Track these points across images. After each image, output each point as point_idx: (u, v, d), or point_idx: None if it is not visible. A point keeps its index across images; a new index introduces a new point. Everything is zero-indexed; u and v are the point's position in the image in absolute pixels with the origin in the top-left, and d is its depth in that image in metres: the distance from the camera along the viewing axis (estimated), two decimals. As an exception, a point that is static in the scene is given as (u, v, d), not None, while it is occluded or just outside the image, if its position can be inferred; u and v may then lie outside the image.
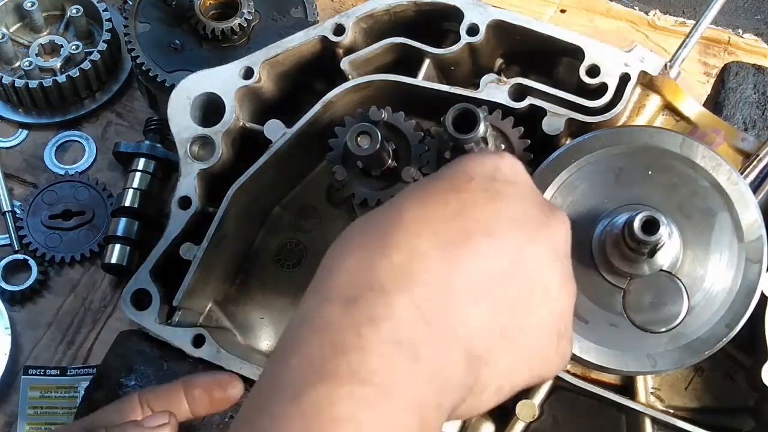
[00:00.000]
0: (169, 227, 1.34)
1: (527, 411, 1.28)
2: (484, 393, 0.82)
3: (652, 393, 1.32)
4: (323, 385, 0.70)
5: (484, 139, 1.21)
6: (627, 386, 1.32)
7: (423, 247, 0.78)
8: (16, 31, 1.88)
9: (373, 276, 0.76)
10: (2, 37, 1.79)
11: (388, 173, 1.32)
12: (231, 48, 1.72)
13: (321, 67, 1.44)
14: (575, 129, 1.33)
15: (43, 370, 1.61)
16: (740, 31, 1.95)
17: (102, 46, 1.81)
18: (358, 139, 1.24)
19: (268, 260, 1.49)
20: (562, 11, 1.95)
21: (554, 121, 1.33)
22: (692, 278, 1.18)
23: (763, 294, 1.19)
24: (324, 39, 1.40)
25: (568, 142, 1.32)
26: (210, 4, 1.74)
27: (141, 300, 1.33)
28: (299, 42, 1.41)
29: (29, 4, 1.83)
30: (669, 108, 1.38)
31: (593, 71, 1.34)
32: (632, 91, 1.34)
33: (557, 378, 1.30)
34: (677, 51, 1.37)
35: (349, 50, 1.40)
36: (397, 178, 1.31)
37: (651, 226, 1.10)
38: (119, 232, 1.64)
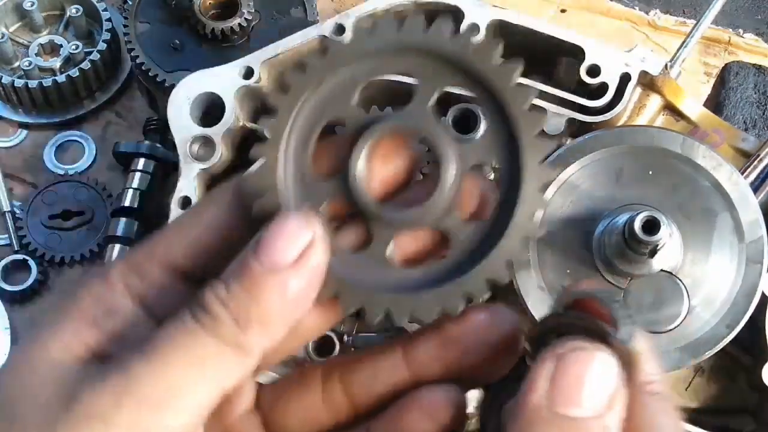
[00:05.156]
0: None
1: (527, 411, 1.28)
2: None
3: (652, 393, 1.32)
4: None
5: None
6: (627, 386, 1.32)
7: None
8: (16, 31, 1.88)
9: None
10: (2, 37, 1.79)
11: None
12: (231, 48, 1.72)
13: (321, 67, 1.43)
14: (575, 129, 1.33)
15: (42, 371, 1.60)
16: (740, 30, 1.95)
17: (102, 46, 1.81)
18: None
19: (268, 260, 1.49)
20: (563, 11, 1.95)
21: (554, 120, 1.32)
22: (693, 278, 1.18)
23: (763, 294, 1.19)
24: (324, 39, 1.40)
25: (568, 142, 1.32)
26: (210, 4, 1.74)
27: (141, 300, 1.32)
28: (299, 42, 1.40)
29: (29, 4, 1.82)
30: (669, 108, 1.38)
31: (594, 71, 1.34)
32: (633, 91, 1.34)
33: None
34: (678, 51, 1.36)
35: (349, 50, 1.40)
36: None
37: (652, 226, 1.10)
38: (119, 232, 1.64)
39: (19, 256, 1.69)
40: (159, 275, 0.75)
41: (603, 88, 1.33)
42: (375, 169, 0.75)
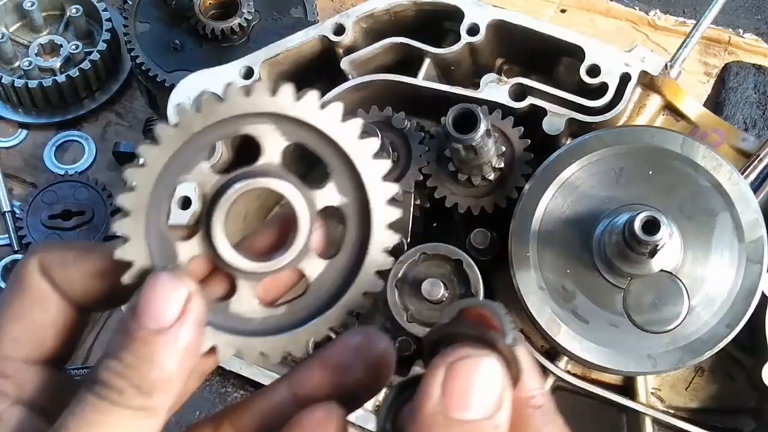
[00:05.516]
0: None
1: (527, 411, 1.28)
2: None
3: (652, 393, 1.32)
4: None
5: (488, 133, 1.21)
6: (627, 386, 1.32)
7: None
8: (16, 31, 1.88)
9: None
10: (2, 37, 1.79)
11: (388, 173, 1.32)
12: (231, 48, 1.72)
13: (321, 67, 1.43)
14: (576, 129, 1.33)
15: (42, 371, 1.60)
16: (740, 30, 1.95)
17: (102, 46, 1.81)
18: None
19: (268, 260, 1.49)
20: (562, 11, 1.95)
21: (554, 120, 1.32)
22: (693, 278, 1.18)
23: (763, 294, 1.19)
24: (324, 39, 1.40)
25: (568, 142, 1.32)
26: (210, 4, 1.74)
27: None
28: (299, 42, 1.41)
29: (29, 4, 1.83)
30: (669, 108, 1.38)
31: (594, 71, 1.34)
32: (633, 91, 1.34)
33: (558, 378, 1.30)
34: (678, 51, 1.36)
35: (349, 50, 1.40)
36: (398, 178, 1.31)
37: (652, 226, 1.10)
38: (119, 232, 1.64)
39: (19, 256, 1.69)
40: (25, 371, 0.76)
41: (603, 88, 1.33)
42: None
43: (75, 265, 0.77)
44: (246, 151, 1.35)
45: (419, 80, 1.37)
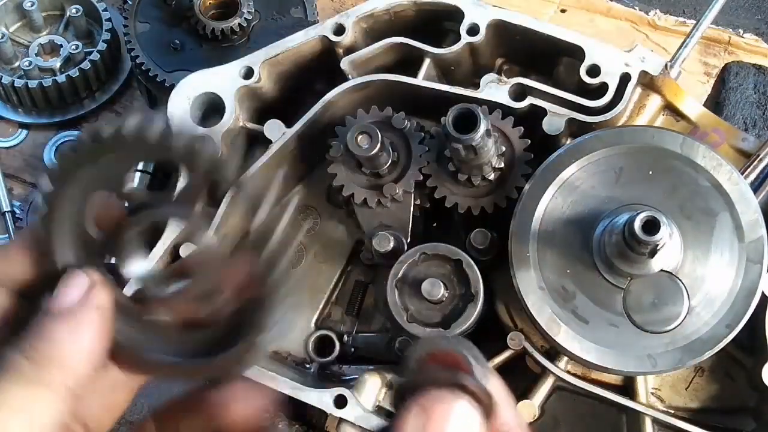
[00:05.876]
0: (168, 227, 1.33)
1: (527, 411, 1.28)
2: None
3: (652, 393, 1.32)
4: None
5: (488, 133, 1.21)
6: (627, 386, 1.32)
7: None
8: (16, 31, 1.88)
9: None
10: (2, 37, 1.79)
11: (388, 173, 1.32)
12: (231, 48, 1.72)
13: (321, 67, 1.43)
14: (576, 129, 1.33)
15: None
16: (740, 30, 1.95)
17: (102, 46, 1.81)
18: (358, 138, 1.24)
19: (268, 260, 1.49)
20: (563, 11, 1.95)
21: (555, 120, 1.32)
22: (693, 278, 1.18)
23: (763, 294, 1.19)
24: (324, 39, 1.40)
25: (568, 142, 1.32)
26: (210, 4, 1.74)
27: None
28: (299, 42, 1.41)
29: (29, 4, 1.83)
30: (670, 108, 1.38)
31: (594, 71, 1.34)
32: (633, 91, 1.34)
33: (558, 378, 1.30)
34: (678, 51, 1.36)
35: (349, 50, 1.40)
36: (398, 178, 1.31)
37: (652, 226, 1.10)
38: (119, 232, 1.64)
39: (19, 256, 1.69)
40: None
41: (603, 88, 1.33)
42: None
43: (12, 254, 0.84)
44: (247, 150, 1.34)
45: (419, 80, 1.37)
